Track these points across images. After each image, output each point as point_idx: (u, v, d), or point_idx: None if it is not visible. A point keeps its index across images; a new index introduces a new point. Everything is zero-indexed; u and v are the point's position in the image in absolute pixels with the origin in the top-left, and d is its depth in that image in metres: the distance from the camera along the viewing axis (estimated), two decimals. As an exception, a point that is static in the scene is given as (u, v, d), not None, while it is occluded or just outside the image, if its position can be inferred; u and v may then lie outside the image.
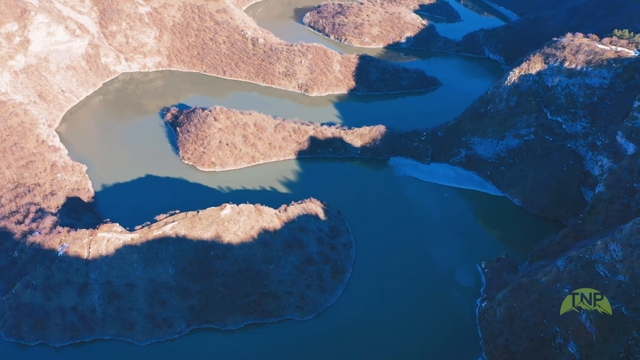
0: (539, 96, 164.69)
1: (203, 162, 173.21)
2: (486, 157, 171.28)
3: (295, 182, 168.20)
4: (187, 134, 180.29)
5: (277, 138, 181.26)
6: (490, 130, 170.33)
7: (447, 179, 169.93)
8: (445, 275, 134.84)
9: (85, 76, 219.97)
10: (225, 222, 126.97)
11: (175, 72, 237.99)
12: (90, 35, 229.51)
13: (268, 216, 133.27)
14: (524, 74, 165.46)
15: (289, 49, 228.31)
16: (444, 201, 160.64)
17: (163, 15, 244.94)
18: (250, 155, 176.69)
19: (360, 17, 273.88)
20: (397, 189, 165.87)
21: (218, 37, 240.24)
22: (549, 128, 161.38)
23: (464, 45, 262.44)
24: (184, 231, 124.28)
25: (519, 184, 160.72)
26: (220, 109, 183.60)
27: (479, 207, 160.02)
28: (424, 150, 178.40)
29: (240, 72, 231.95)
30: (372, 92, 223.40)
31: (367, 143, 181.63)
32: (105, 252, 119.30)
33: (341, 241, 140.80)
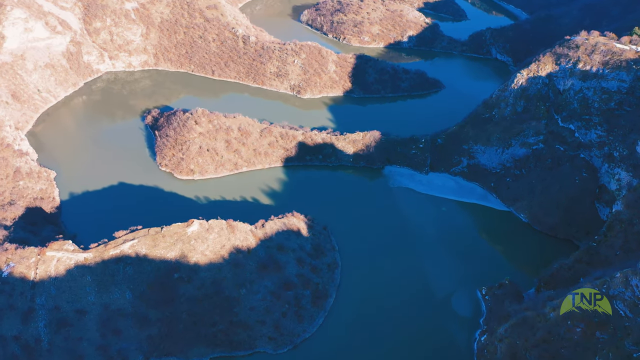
0: (549, 101, 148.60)
1: (181, 169, 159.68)
2: (490, 167, 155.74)
3: (279, 193, 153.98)
4: (166, 139, 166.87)
5: (263, 144, 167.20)
6: (495, 138, 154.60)
7: (446, 190, 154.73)
8: (440, 302, 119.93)
9: (65, 75, 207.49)
10: (192, 241, 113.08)
11: (162, 71, 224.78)
12: (72, 31, 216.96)
13: (242, 233, 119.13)
14: (532, 76, 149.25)
15: (281, 47, 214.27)
16: (442, 216, 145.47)
17: (150, 11, 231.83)
18: (232, 162, 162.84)
19: (360, 15, 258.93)
20: (391, 201, 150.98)
21: (208, 35, 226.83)
22: (560, 136, 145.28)
23: (469, 45, 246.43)
24: (145, 250, 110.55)
25: (525, 197, 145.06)
26: (202, 111, 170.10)
27: (480, 223, 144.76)
28: (422, 159, 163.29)
29: (230, 72, 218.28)
30: (370, 95, 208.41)
31: (360, 150, 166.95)
32: (55, 274, 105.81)
33: (325, 261, 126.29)
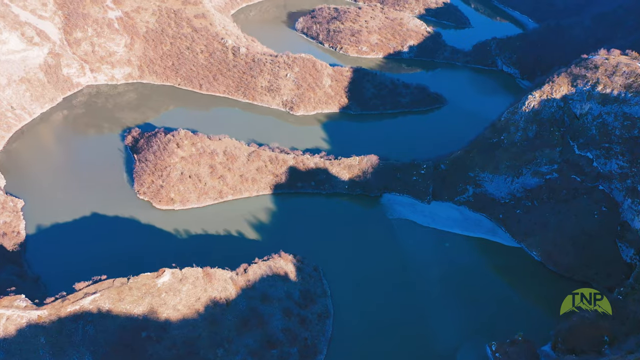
0: (564, 126, 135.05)
1: (160, 198, 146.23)
2: (498, 197, 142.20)
3: (266, 225, 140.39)
4: (145, 163, 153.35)
5: (251, 169, 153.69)
6: (504, 166, 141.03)
7: (450, 222, 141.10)
8: (445, 358, 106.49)
9: (41, 90, 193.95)
10: (163, 293, 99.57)
11: (147, 85, 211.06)
12: (51, 42, 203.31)
13: (220, 282, 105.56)
14: (546, 98, 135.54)
15: (273, 60, 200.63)
16: (445, 253, 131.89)
17: (135, 20, 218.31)
18: (217, 190, 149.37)
19: (358, 24, 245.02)
20: (389, 236, 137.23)
21: (195, 46, 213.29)
22: (576, 165, 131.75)
23: (473, 55, 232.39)
24: (108, 305, 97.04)
25: (538, 233, 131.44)
26: (185, 133, 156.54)
27: (488, 261, 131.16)
28: (424, 187, 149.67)
29: (219, 86, 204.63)
30: (367, 111, 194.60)
31: (356, 176, 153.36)
32: (4, 334, 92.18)
33: (315, 310, 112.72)
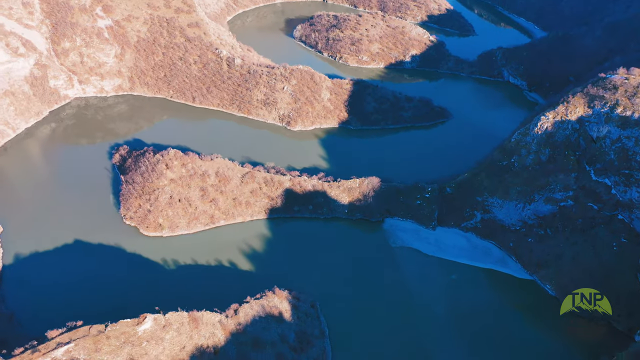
0: (579, 150, 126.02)
1: (148, 223, 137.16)
2: (508, 223, 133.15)
3: (260, 255, 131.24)
4: (132, 186, 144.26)
5: (244, 191, 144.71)
6: (515, 191, 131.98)
7: (457, 251, 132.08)
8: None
9: (27, 103, 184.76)
10: (144, 342, 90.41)
11: (138, 97, 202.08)
12: (37, 53, 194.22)
13: (208, 327, 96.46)
14: (560, 119, 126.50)
15: (269, 72, 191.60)
16: (452, 287, 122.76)
17: (126, 29, 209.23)
18: (208, 214, 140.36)
19: (358, 32, 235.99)
20: (392, 267, 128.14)
21: (188, 57, 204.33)
22: (593, 192, 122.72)
23: (478, 66, 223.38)
24: (83, 356, 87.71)
25: (552, 264, 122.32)
26: (175, 153, 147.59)
27: (499, 296, 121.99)
28: (429, 211, 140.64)
29: (213, 98, 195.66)
30: (368, 126, 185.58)
31: (357, 199, 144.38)
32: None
33: (312, 354, 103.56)
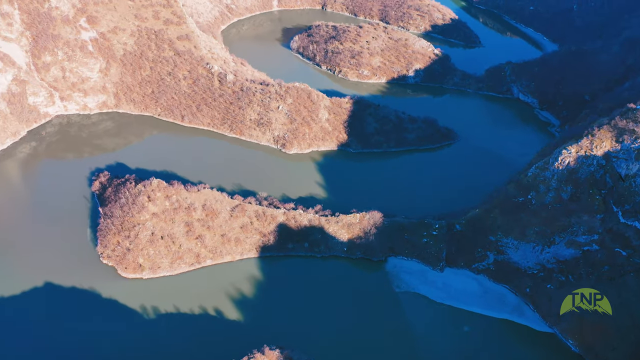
0: (606, 188, 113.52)
1: (127, 263, 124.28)
2: (525, 266, 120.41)
3: (250, 301, 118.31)
4: (111, 220, 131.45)
5: (234, 227, 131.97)
6: (532, 231, 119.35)
7: (468, 298, 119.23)
8: None
9: (3, 123, 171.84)
10: None
11: (124, 114, 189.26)
12: (15, 68, 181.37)
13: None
14: (584, 154, 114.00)
15: (263, 89, 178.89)
16: (464, 340, 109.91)
17: (112, 42, 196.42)
18: (193, 253, 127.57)
19: (359, 44, 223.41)
20: (397, 315, 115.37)
21: (178, 72, 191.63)
22: (621, 237, 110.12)
23: (486, 81, 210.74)
24: None
25: (575, 316, 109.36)
26: (158, 183, 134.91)
27: (516, 353, 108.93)
28: (436, 250, 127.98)
29: (203, 117, 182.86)
30: (369, 149, 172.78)
31: (357, 236, 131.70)
32: None
33: None
